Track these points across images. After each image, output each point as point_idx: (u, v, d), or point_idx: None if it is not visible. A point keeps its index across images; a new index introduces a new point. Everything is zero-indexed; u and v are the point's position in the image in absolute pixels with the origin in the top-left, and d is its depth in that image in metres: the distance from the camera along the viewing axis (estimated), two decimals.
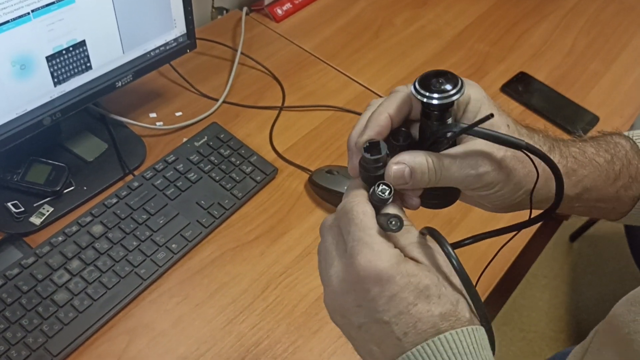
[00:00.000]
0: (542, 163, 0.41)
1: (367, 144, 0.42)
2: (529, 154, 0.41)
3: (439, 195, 0.46)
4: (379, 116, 0.42)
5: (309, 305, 0.75)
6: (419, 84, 0.40)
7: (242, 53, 1.06)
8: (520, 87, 1.09)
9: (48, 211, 0.78)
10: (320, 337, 0.73)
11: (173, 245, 0.77)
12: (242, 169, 0.87)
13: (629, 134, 0.50)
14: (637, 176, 0.47)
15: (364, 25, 1.18)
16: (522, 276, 1.76)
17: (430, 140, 0.42)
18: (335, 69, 1.08)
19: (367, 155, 0.41)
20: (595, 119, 1.04)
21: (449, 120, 0.42)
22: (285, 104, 1.00)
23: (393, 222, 0.38)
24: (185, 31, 0.88)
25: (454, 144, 0.43)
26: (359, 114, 0.99)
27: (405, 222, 0.41)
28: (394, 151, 0.42)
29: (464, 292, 0.39)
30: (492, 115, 0.38)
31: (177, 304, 0.74)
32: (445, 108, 0.41)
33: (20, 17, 0.67)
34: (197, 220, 0.80)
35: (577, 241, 1.96)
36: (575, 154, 0.46)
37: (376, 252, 0.38)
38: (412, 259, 0.39)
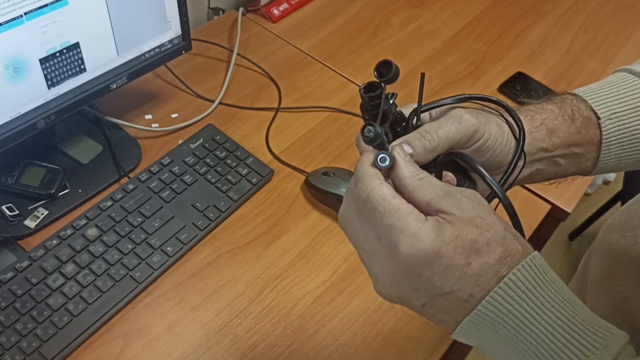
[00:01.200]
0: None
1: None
2: (480, 102, 0.48)
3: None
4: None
5: (305, 308, 0.75)
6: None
7: (238, 54, 1.05)
8: (517, 87, 1.08)
9: (43, 214, 0.78)
10: (317, 340, 0.73)
11: (168, 248, 0.76)
12: (238, 170, 0.86)
13: (572, 91, 0.54)
14: (589, 117, 0.50)
15: (361, 26, 1.18)
16: None
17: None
18: (332, 70, 1.08)
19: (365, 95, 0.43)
20: None
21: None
22: (282, 105, 1.00)
23: (380, 158, 0.40)
24: (180, 32, 0.87)
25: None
26: (356, 115, 0.99)
27: (418, 175, 0.41)
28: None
29: (501, 220, 0.39)
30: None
31: (173, 308, 0.73)
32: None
33: (13, 19, 0.66)
34: (193, 223, 0.80)
35: (576, 240, 1.95)
36: (527, 107, 0.51)
37: (413, 235, 0.37)
38: (441, 211, 0.38)
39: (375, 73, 0.43)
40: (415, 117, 0.46)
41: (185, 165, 0.85)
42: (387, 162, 0.40)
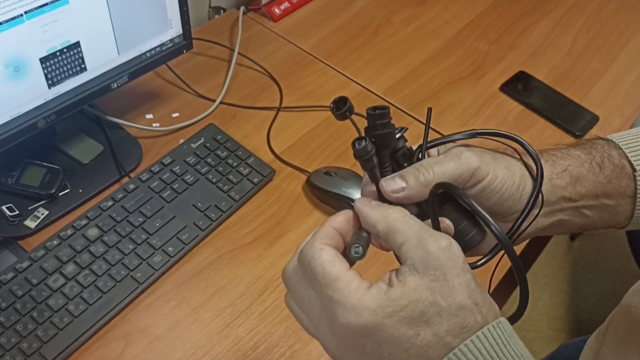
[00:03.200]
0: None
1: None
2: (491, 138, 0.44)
3: (462, 215, 0.44)
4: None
5: None
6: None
7: (239, 53, 1.05)
8: (519, 87, 1.08)
9: (43, 214, 0.77)
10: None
11: (169, 249, 0.76)
12: (239, 170, 0.86)
13: (606, 136, 0.51)
14: (622, 166, 0.46)
15: (363, 25, 1.17)
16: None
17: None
18: (334, 69, 1.07)
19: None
20: (595, 119, 1.04)
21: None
22: (283, 105, 0.99)
23: (354, 250, 0.37)
24: (181, 32, 0.87)
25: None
26: (358, 114, 0.98)
27: (388, 217, 0.39)
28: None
29: (470, 284, 0.36)
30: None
31: (174, 308, 0.73)
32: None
33: (13, 18, 0.66)
34: (194, 223, 0.79)
35: (578, 240, 1.95)
36: (551, 152, 0.47)
37: (352, 308, 0.35)
38: (404, 264, 0.36)
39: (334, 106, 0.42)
40: (421, 153, 0.44)
41: (186, 164, 0.85)
42: (360, 252, 0.38)
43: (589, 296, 1.82)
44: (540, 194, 0.44)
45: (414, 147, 0.44)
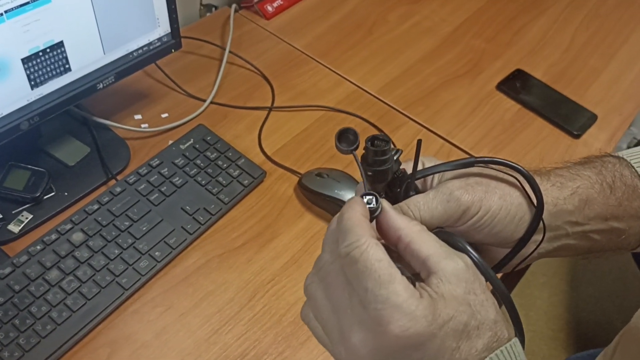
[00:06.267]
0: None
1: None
2: (493, 166, 0.42)
3: None
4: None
5: (296, 314, 0.73)
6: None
7: (230, 52, 1.03)
8: (516, 85, 1.06)
9: (27, 218, 0.75)
10: (309, 347, 0.70)
11: (156, 253, 0.74)
12: (229, 172, 0.84)
13: (617, 154, 0.48)
14: (635, 187, 0.44)
15: (357, 22, 1.15)
16: (520, 275, 1.74)
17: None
18: (327, 68, 1.05)
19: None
20: (593, 117, 1.02)
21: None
22: (275, 104, 0.97)
23: (368, 199, 0.37)
24: (169, 30, 0.85)
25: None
26: (351, 114, 0.97)
27: (415, 226, 0.38)
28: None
29: (493, 300, 0.36)
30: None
31: (161, 314, 0.71)
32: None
33: None
34: (182, 227, 0.77)
35: None
36: (559, 172, 0.45)
37: (409, 315, 0.33)
38: (435, 276, 0.35)
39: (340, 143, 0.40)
40: (406, 185, 0.42)
41: (175, 166, 0.83)
42: (373, 205, 0.37)
43: (588, 296, 1.80)
44: (541, 223, 0.42)
45: (408, 170, 0.43)
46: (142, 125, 0.90)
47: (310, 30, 1.12)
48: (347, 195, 0.81)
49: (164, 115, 0.92)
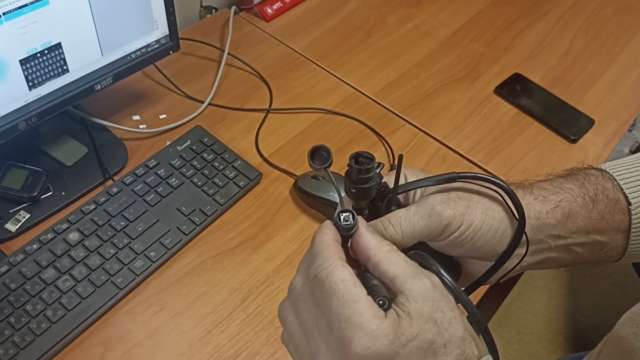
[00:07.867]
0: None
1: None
2: (473, 181, 0.42)
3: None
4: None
5: None
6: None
7: (229, 54, 1.03)
8: (514, 89, 1.06)
9: (24, 217, 0.76)
10: None
11: (151, 253, 0.75)
12: (226, 173, 0.85)
13: (599, 166, 0.48)
14: (617, 200, 0.44)
15: (356, 25, 1.16)
16: (519, 277, 1.74)
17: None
18: (325, 70, 1.06)
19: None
20: (590, 122, 1.02)
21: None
22: (273, 106, 0.98)
23: (381, 303, 0.35)
24: (167, 32, 0.85)
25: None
26: (349, 116, 0.97)
27: (385, 246, 0.38)
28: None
29: (462, 318, 0.36)
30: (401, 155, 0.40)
31: (154, 315, 0.72)
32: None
33: None
34: (177, 227, 0.78)
35: None
36: (542, 186, 0.45)
37: (371, 334, 0.33)
38: (403, 295, 0.35)
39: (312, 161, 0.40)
40: (388, 200, 0.42)
41: (172, 167, 0.83)
42: (350, 222, 0.37)
43: (587, 299, 1.80)
44: (524, 237, 0.42)
45: (390, 183, 0.43)
46: (140, 126, 0.91)
47: (310, 33, 1.12)
48: None
49: (162, 116, 0.93)
